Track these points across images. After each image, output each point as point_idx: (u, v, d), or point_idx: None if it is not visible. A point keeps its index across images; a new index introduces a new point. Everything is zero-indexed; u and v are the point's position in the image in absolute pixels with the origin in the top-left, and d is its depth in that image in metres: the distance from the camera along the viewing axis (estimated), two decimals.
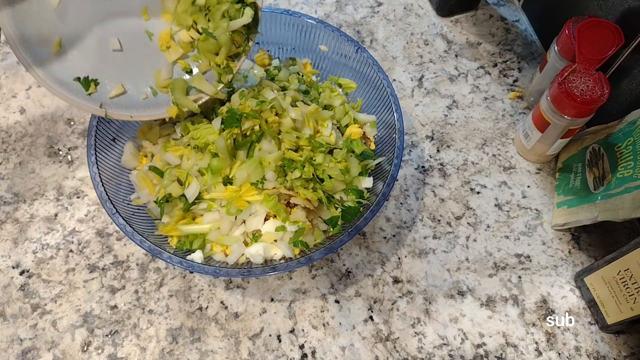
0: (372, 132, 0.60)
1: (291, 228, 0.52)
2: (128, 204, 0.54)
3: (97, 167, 0.53)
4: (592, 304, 0.54)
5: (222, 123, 0.52)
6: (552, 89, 0.56)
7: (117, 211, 0.50)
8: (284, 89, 0.59)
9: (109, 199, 0.51)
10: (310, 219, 0.54)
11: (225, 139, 0.51)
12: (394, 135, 0.56)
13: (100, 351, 0.53)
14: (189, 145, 0.54)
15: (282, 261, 0.52)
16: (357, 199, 0.55)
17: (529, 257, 0.59)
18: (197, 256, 0.51)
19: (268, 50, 0.67)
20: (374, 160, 0.58)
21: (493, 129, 0.69)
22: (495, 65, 0.74)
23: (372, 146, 0.61)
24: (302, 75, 0.64)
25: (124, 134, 0.59)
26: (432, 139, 0.68)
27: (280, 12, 0.63)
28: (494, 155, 0.66)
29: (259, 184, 0.52)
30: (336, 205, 0.55)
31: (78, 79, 0.52)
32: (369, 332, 0.54)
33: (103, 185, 0.52)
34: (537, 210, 0.62)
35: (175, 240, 0.53)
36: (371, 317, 0.55)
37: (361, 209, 0.54)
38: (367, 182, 0.57)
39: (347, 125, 0.61)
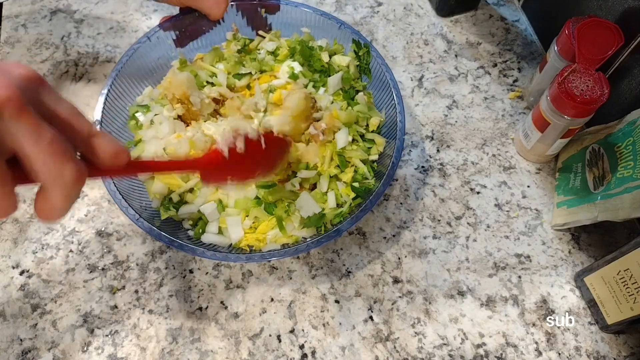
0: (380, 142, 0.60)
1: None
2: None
3: None
4: (592, 304, 0.54)
5: None
6: (552, 89, 0.56)
7: (123, 198, 0.51)
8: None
9: (117, 190, 0.51)
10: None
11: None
12: (394, 135, 0.56)
13: (100, 351, 0.53)
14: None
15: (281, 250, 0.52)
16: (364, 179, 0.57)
17: (529, 257, 0.59)
18: (212, 229, 0.54)
19: None
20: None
21: (493, 129, 0.69)
22: (495, 65, 0.74)
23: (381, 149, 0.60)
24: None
25: (124, 134, 0.59)
26: (432, 139, 0.68)
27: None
28: (493, 155, 0.66)
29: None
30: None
31: None
32: (369, 332, 0.54)
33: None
34: (537, 210, 0.62)
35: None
36: (371, 317, 0.55)
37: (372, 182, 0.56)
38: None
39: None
